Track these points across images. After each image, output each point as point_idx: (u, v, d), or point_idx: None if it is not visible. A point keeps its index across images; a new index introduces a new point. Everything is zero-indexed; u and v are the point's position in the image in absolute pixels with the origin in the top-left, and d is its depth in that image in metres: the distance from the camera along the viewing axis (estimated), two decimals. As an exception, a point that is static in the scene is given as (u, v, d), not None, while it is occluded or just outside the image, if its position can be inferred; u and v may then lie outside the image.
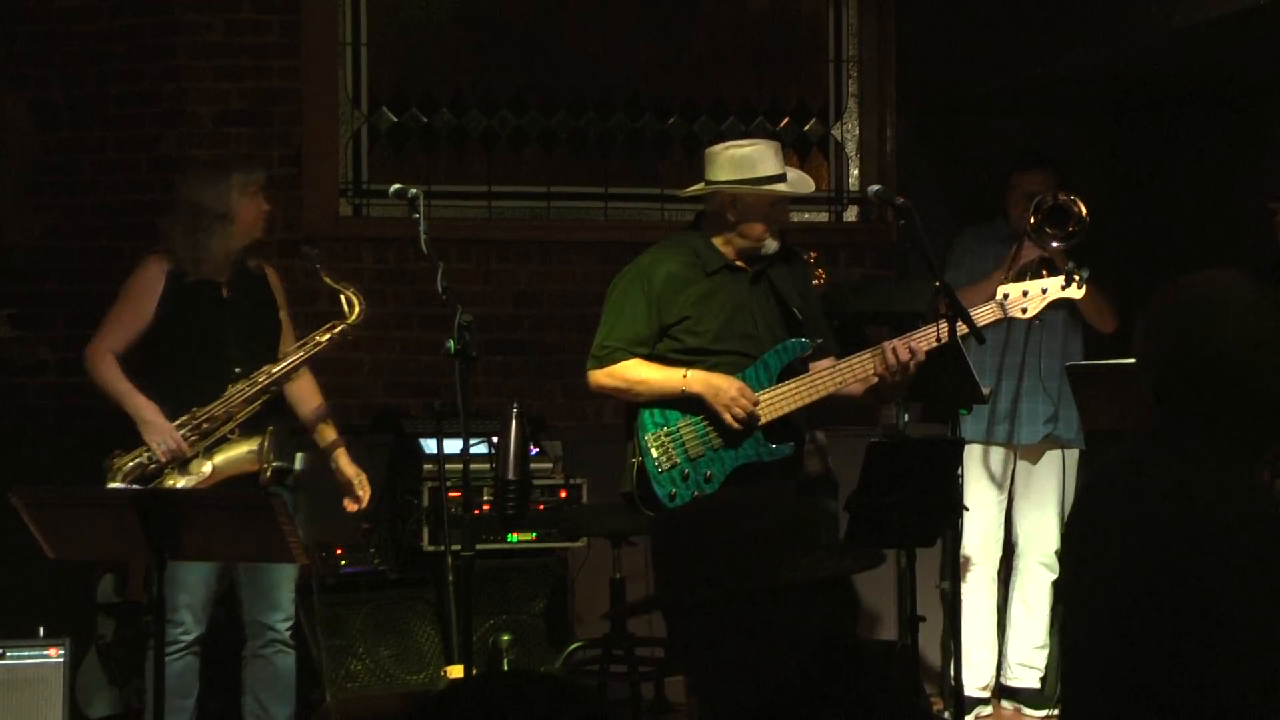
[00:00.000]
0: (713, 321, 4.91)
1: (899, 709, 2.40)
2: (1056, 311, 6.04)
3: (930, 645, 6.35)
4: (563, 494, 6.09)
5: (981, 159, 7.02)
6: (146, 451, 5.05)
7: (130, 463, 5.04)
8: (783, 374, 4.93)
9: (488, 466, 5.55)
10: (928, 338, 4.93)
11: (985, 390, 5.62)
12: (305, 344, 5.20)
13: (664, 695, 6.15)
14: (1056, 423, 6.19)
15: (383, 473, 6.33)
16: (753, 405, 4.82)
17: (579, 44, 7.19)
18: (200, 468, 5.05)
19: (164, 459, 5.03)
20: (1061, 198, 5.97)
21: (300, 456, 5.13)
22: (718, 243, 4.96)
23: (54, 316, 6.71)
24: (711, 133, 7.26)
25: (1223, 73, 6.44)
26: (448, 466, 5.38)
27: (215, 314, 5.19)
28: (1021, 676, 6.35)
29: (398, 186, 5.15)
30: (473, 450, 4.96)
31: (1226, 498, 2.31)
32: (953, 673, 5.08)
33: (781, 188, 4.88)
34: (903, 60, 7.25)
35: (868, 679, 2.38)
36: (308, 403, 5.34)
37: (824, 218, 7.46)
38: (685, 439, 4.87)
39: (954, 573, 5.32)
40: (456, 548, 4.98)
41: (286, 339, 5.34)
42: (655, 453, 4.84)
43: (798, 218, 7.25)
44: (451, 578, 5.31)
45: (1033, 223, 5.95)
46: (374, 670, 5.85)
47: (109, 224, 6.69)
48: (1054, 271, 5.96)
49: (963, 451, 5.14)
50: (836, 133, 7.45)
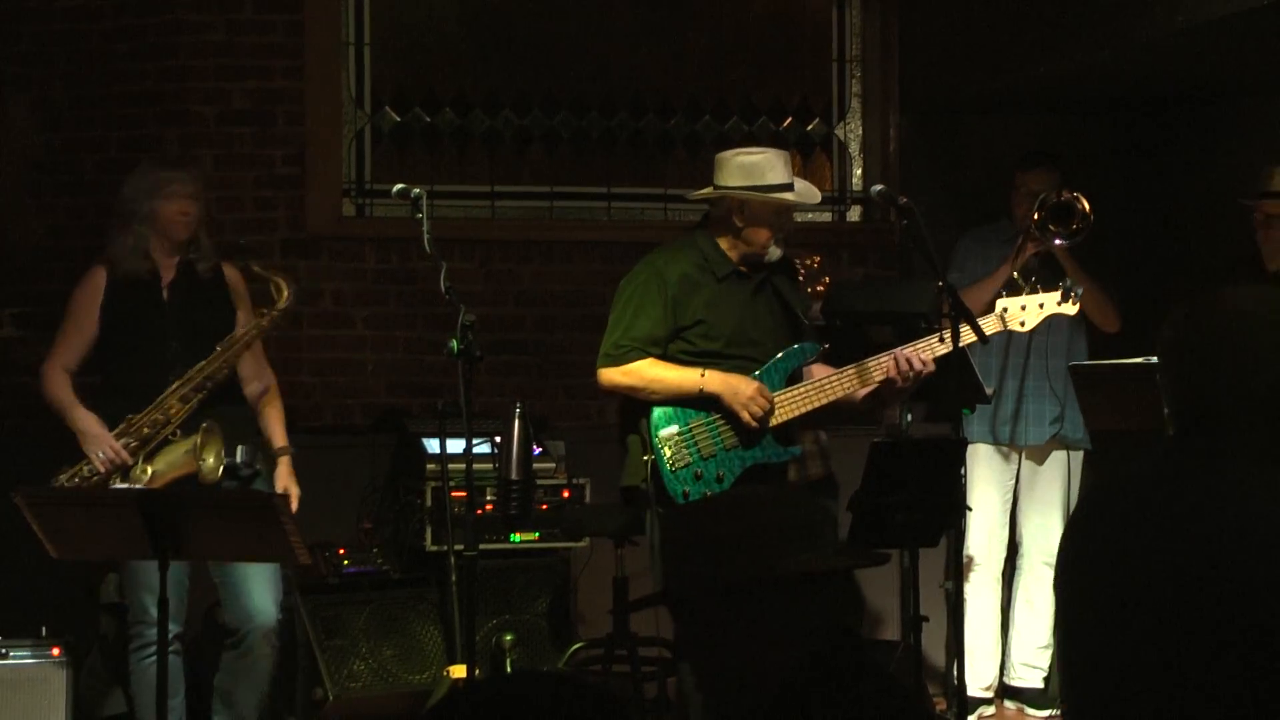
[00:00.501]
0: (725, 326, 4.98)
1: (902, 709, 2.40)
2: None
3: (934, 645, 6.35)
4: (565, 494, 6.09)
5: (984, 159, 7.02)
6: (87, 464, 5.04)
7: (75, 476, 5.03)
8: (789, 378, 5.01)
9: (490, 466, 5.56)
10: (934, 346, 4.97)
11: (988, 390, 5.63)
12: (235, 338, 5.17)
13: (667, 695, 6.15)
14: (1063, 423, 6.19)
15: (385, 473, 6.34)
16: (769, 406, 4.88)
17: (582, 44, 7.19)
18: (140, 474, 5.01)
19: (104, 469, 5.01)
20: (1065, 195, 5.97)
21: (240, 449, 5.09)
22: (724, 246, 5.02)
23: (56, 316, 6.68)
24: (714, 133, 7.26)
25: (1225, 72, 6.44)
26: (450, 466, 5.38)
27: (154, 318, 5.18)
28: (1025, 676, 6.35)
29: (400, 186, 5.15)
30: (475, 450, 4.96)
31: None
32: (956, 672, 5.08)
33: (789, 197, 4.96)
34: (906, 60, 7.24)
35: (871, 679, 2.39)
36: (261, 408, 5.34)
37: (827, 218, 7.45)
38: (698, 438, 4.92)
39: (957, 573, 5.32)
40: (459, 548, 4.98)
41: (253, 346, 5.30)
42: (669, 451, 4.89)
43: (801, 218, 7.23)
44: (454, 577, 5.31)
45: (1036, 219, 5.96)
46: (376, 670, 5.85)
47: (112, 224, 6.67)
48: (1056, 270, 5.97)
49: (965, 451, 5.15)
50: (839, 132, 7.44)
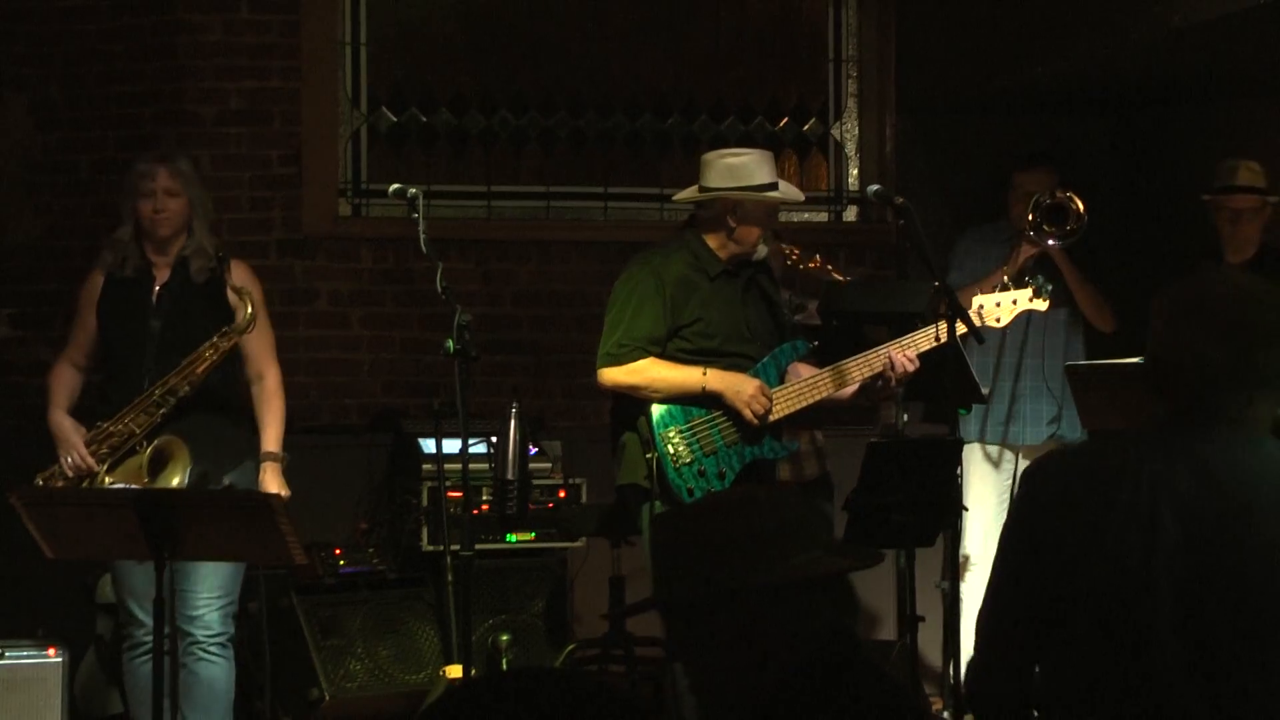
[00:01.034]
0: (721, 324, 5.04)
1: (898, 709, 2.40)
2: (1059, 311, 6.05)
3: (930, 645, 6.35)
4: (561, 494, 6.10)
5: (981, 159, 7.02)
6: (57, 466, 5.03)
7: (50, 479, 5.02)
8: (781, 375, 5.08)
9: (487, 466, 5.55)
10: (928, 339, 5.01)
11: (984, 390, 5.63)
12: (197, 355, 4.98)
13: (663, 695, 6.15)
14: (1060, 423, 6.19)
15: (382, 473, 6.34)
16: (770, 403, 4.94)
17: (578, 44, 7.19)
18: (101, 483, 4.95)
19: (70, 474, 4.99)
20: (1059, 195, 5.98)
21: (189, 471, 4.94)
22: (713, 246, 5.07)
23: (53, 317, 6.68)
24: (711, 133, 7.26)
25: (1222, 72, 6.45)
26: (447, 466, 5.39)
27: (137, 322, 5.07)
28: (1020, 676, 6.34)
29: (397, 186, 5.15)
30: (472, 450, 4.97)
31: None
32: (952, 672, 5.08)
33: (779, 195, 5.06)
34: (902, 60, 7.25)
35: (867, 679, 2.39)
36: (257, 412, 5.16)
37: (823, 218, 7.45)
38: (700, 435, 4.98)
39: (954, 572, 5.32)
40: (455, 547, 4.99)
41: (257, 344, 5.12)
42: (672, 449, 4.93)
43: (797, 218, 7.26)
44: (450, 577, 5.32)
45: (1030, 221, 5.98)
46: (373, 670, 5.85)
47: (109, 224, 6.63)
48: (1052, 270, 5.98)
49: (961, 451, 5.15)
50: (836, 132, 7.45)
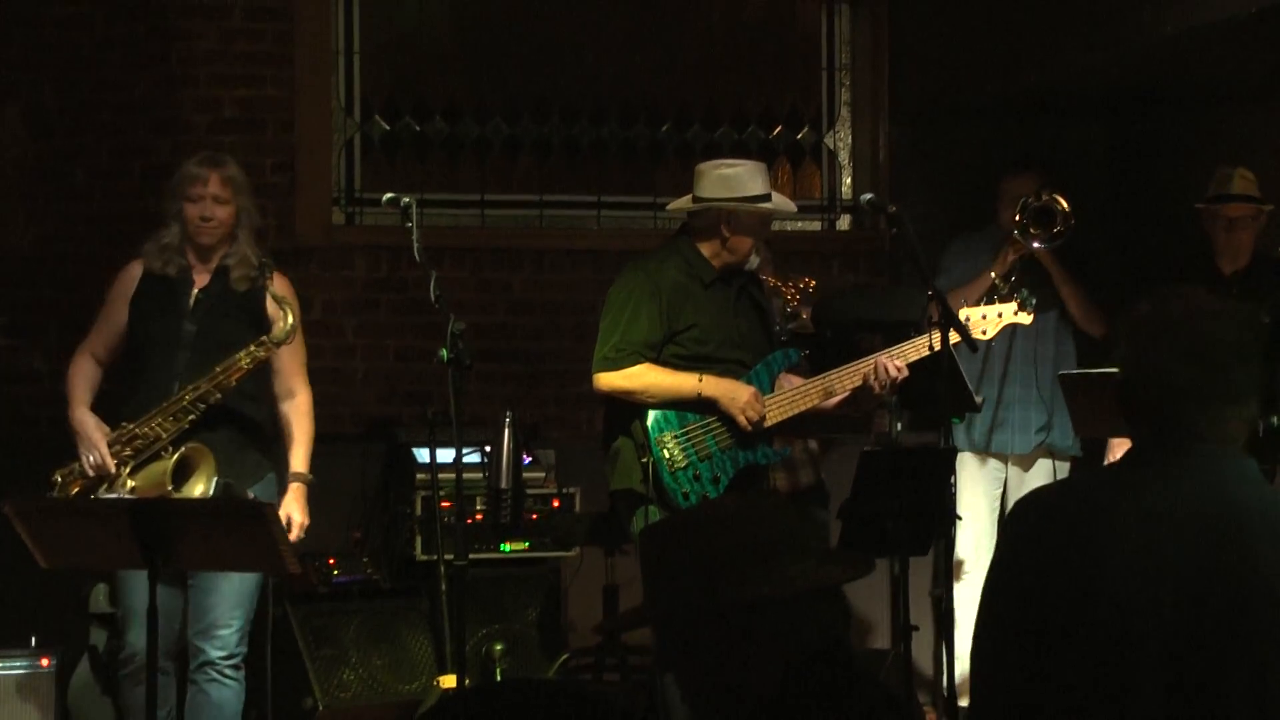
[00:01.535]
0: (716, 330, 5.09)
1: (891, 718, 2.41)
2: (1047, 316, 6.08)
3: (924, 653, 6.36)
4: (555, 503, 6.11)
5: (975, 166, 7.03)
6: (76, 464, 4.96)
7: (69, 475, 4.97)
8: (773, 383, 5.13)
9: (480, 476, 5.57)
10: (918, 349, 5.05)
11: (978, 399, 5.66)
12: (232, 363, 4.93)
13: (655, 705, 6.16)
14: (1051, 430, 6.21)
15: (375, 482, 6.35)
16: (763, 410, 5.01)
17: (572, 52, 7.21)
18: (122, 486, 4.90)
19: (90, 473, 4.92)
20: (1045, 198, 6.00)
21: (215, 483, 4.90)
22: (707, 255, 5.12)
23: (47, 325, 6.70)
24: (704, 141, 7.28)
25: (1215, 77, 6.47)
26: (440, 475, 5.38)
27: (172, 323, 5.01)
28: (1014, 685, 6.36)
29: (390, 195, 5.17)
30: (465, 459, 4.98)
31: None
32: (945, 682, 5.10)
33: (773, 206, 5.12)
34: (895, 68, 7.26)
35: (860, 688, 2.39)
36: (286, 430, 5.13)
37: (817, 226, 7.47)
38: (694, 440, 5.03)
39: (947, 581, 5.34)
40: (449, 557, 4.99)
41: (291, 360, 5.10)
42: (667, 454, 4.97)
43: (791, 227, 7.28)
44: (444, 587, 5.32)
45: (1017, 223, 6.00)
46: (366, 680, 5.86)
47: (102, 232, 6.69)
48: (1040, 274, 6.00)
49: (955, 460, 5.17)
50: (829, 141, 7.47)
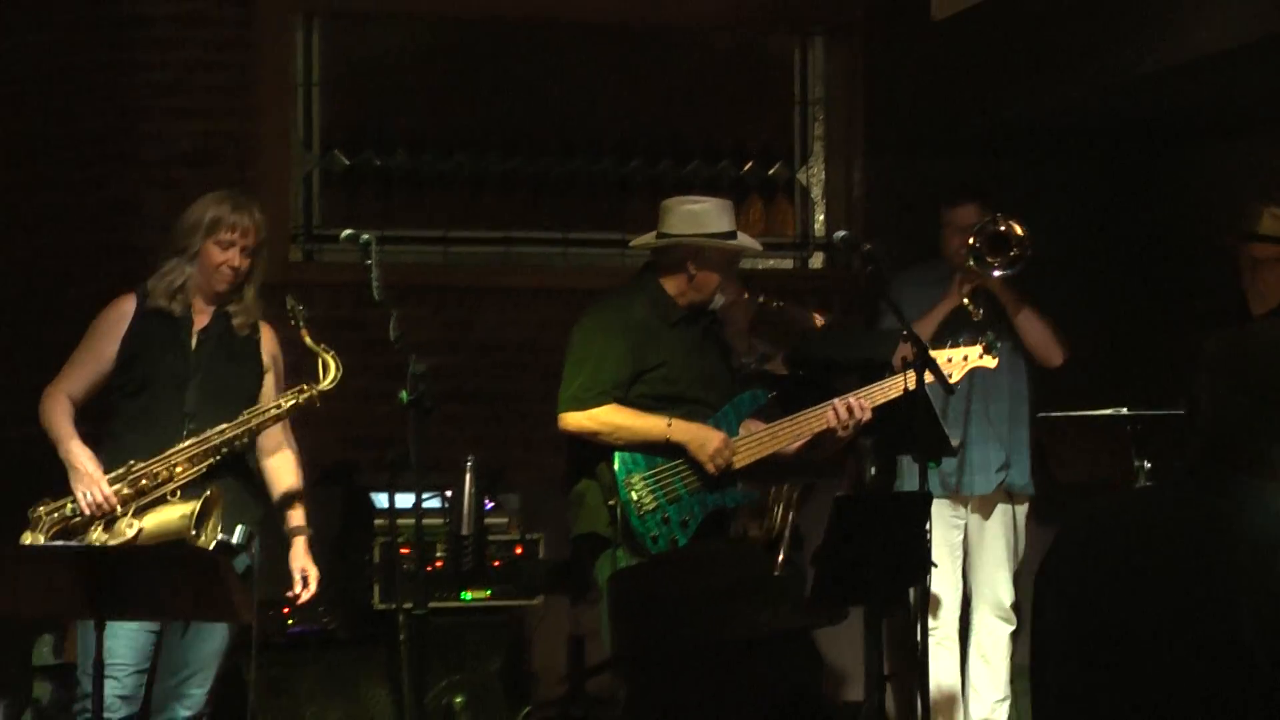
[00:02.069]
0: (683, 370, 5.10)
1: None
2: (1001, 347, 6.07)
3: (897, 699, 6.34)
4: (519, 549, 6.07)
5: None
6: (72, 502, 4.81)
7: (54, 512, 4.83)
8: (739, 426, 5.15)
9: (441, 521, 5.53)
10: (885, 391, 5.07)
11: (954, 442, 5.64)
12: (265, 408, 4.91)
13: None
14: (1009, 469, 6.18)
15: (333, 528, 6.29)
16: (732, 455, 5.03)
17: (538, 85, 7.20)
18: (126, 528, 4.78)
19: (87, 511, 4.78)
20: (1002, 224, 5.97)
21: (239, 529, 4.88)
22: (672, 293, 5.13)
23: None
24: (674, 176, 7.27)
25: (1199, 113, 6.49)
26: (400, 521, 5.35)
27: (178, 362, 4.92)
28: (985, 731, 6.34)
29: (350, 231, 5.13)
30: (426, 504, 4.94)
31: None
32: (922, 731, 5.06)
33: (738, 244, 5.16)
34: (871, 101, 7.27)
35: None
36: (281, 483, 5.05)
37: (789, 264, 7.46)
38: (663, 483, 5.04)
39: (923, 628, 5.31)
40: (409, 606, 4.94)
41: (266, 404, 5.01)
42: (635, 496, 4.96)
43: (763, 265, 7.26)
44: (404, 637, 5.26)
45: (972, 248, 5.96)
46: (323, 733, 5.80)
47: (55, 269, 6.64)
48: (993, 305, 5.99)
49: (930, 505, 5.15)
50: (802, 176, 7.46)
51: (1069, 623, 2.56)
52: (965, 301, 6.03)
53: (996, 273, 5.96)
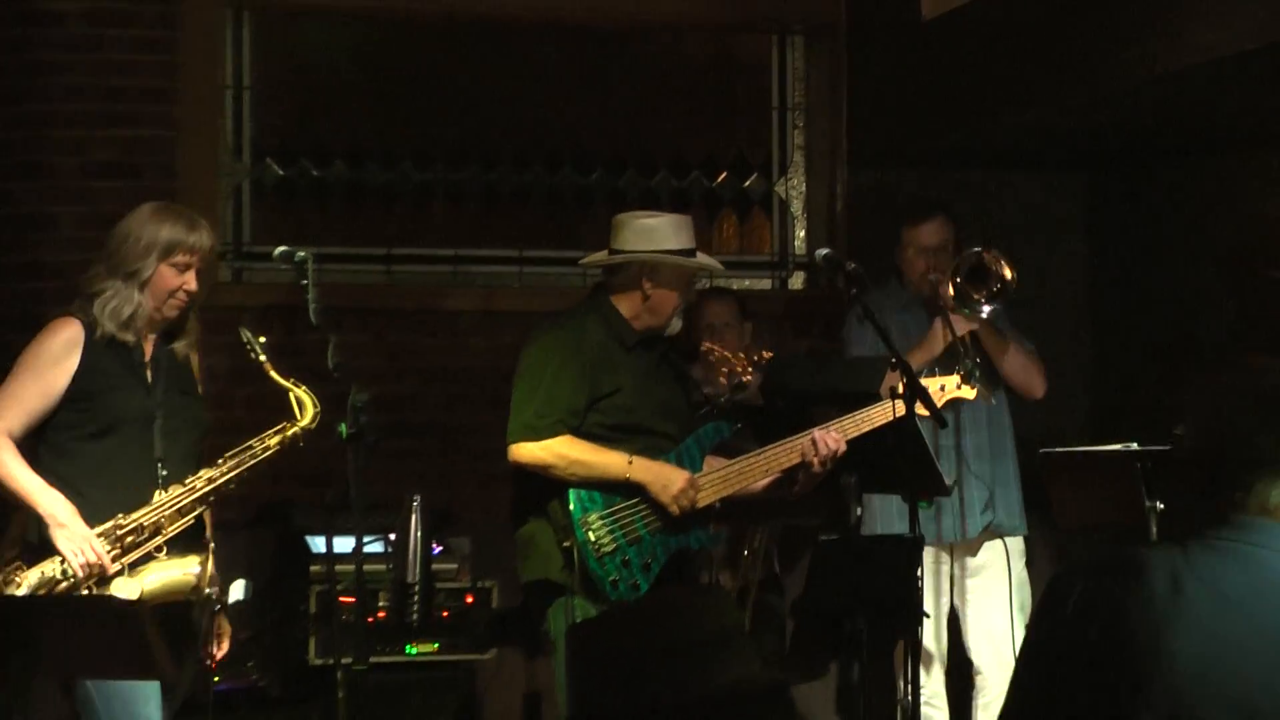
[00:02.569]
0: (641, 398, 5.12)
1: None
2: (978, 377, 6.09)
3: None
4: (469, 599, 6.07)
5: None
6: (60, 563, 4.64)
7: (36, 575, 4.65)
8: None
9: (384, 567, 5.52)
10: (859, 423, 5.07)
11: (948, 480, 5.65)
12: (249, 449, 4.84)
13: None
14: (995, 509, 6.17)
15: (265, 574, 6.28)
16: (697, 494, 5.04)
17: (491, 90, 7.22)
18: (125, 589, 4.65)
19: (81, 574, 4.63)
20: (986, 256, 5.96)
21: (242, 584, 4.84)
22: (626, 315, 5.16)
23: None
24: (640, 189, 7.30)
25: (1209, 122, 6.54)
26: (338, 567, 5.32)
27: (142, 399, 4.80)
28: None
29: (284, 249, 5.12)
30: (367, 549, 4.93)
31: None
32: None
33: (697, 261, 5.17)
34: (855, 108, 7.31)
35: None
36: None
37: (767, 284, 7.49)
38: (622, 522, 5.04)
39: (914, 685, 5.31)
40: (348, 661, 4.93)
41: None
42: (592, 536, 4.96)
43: (738, 285, 7.28)
44: (342, 695, 5.25)
45: (957, 287, 5.94)
46: (253, 802, 5.78)
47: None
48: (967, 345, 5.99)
49: (922, 550, 5.16)
50: (781, 189, 7.49)
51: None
52: (939, 351, 6.01)
53: (987, 310, 5.95)
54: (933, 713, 6.22)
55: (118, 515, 4.70)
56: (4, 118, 6.66)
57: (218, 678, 5.85)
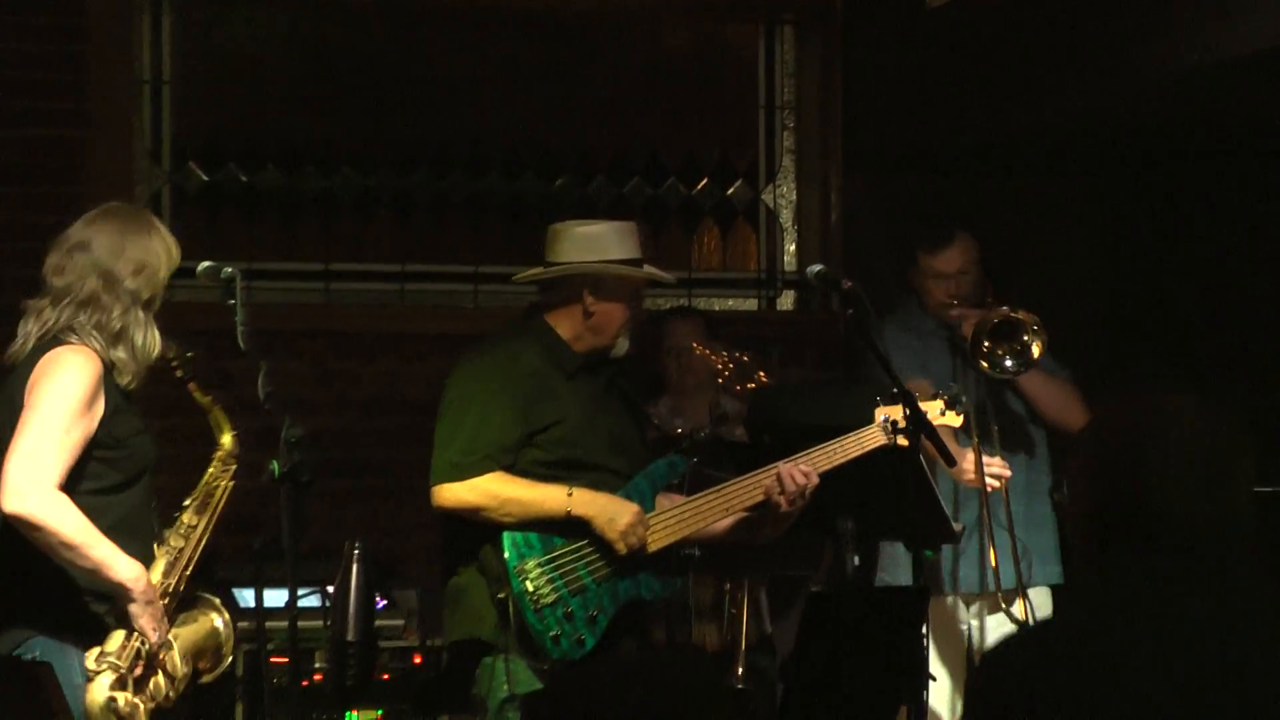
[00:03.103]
0: (585, 430, 5.07)
1: None
2: (1012, 403, 6.08)
3: None
4: (417, 659, 6.08)
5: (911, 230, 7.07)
6: (137, 638, 4.61)
7: (124, 652, 4.59)
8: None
9: (321, 624, 5.50)
10: (830, 455, 5.04)
11: (957, 526, 5.65)
12: (210, 492, 4.87)
13: None
14: (1030, 556, 6.17)
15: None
16: (646, 532, 5.00)
17: (444, 85, 7.22)
18: (172, 665, 4.68)
19: (157, 645, 4.63)
20: (998, 318, 5.96)
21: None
22: (566, 337, 5.12)
23: None
24: (610, 196, 7.29)
25: (1251, 120, 6.55)
26: (269, 624, 5.31)
27: (151, 441, 4.81)
28: None
29: (208, 264, 5.11)
30: (302, 603, 4.91)
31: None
32: None
33: (644, 272, 5.13)
34: (851, 107, 7.32)
35: None
36: None
37: (753, 305, 7.49)
38: (564, 570, 4.98)
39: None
40: (280, 729, 4.92)
41: None
42: (530, 586, 4.92)
43: (720, 305, 7.28)
44: (273, 768, 5.24)
45: (987, 353, 5.95)
46: None
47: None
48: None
49: (927, 603, 5.16)
50: (768, 197, 7.50)
51: None
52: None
53: (1010, 364, 5.96)
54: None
55: (162, 579, 4.70)
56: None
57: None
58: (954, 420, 5.40)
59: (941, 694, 6.13)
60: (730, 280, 7.46)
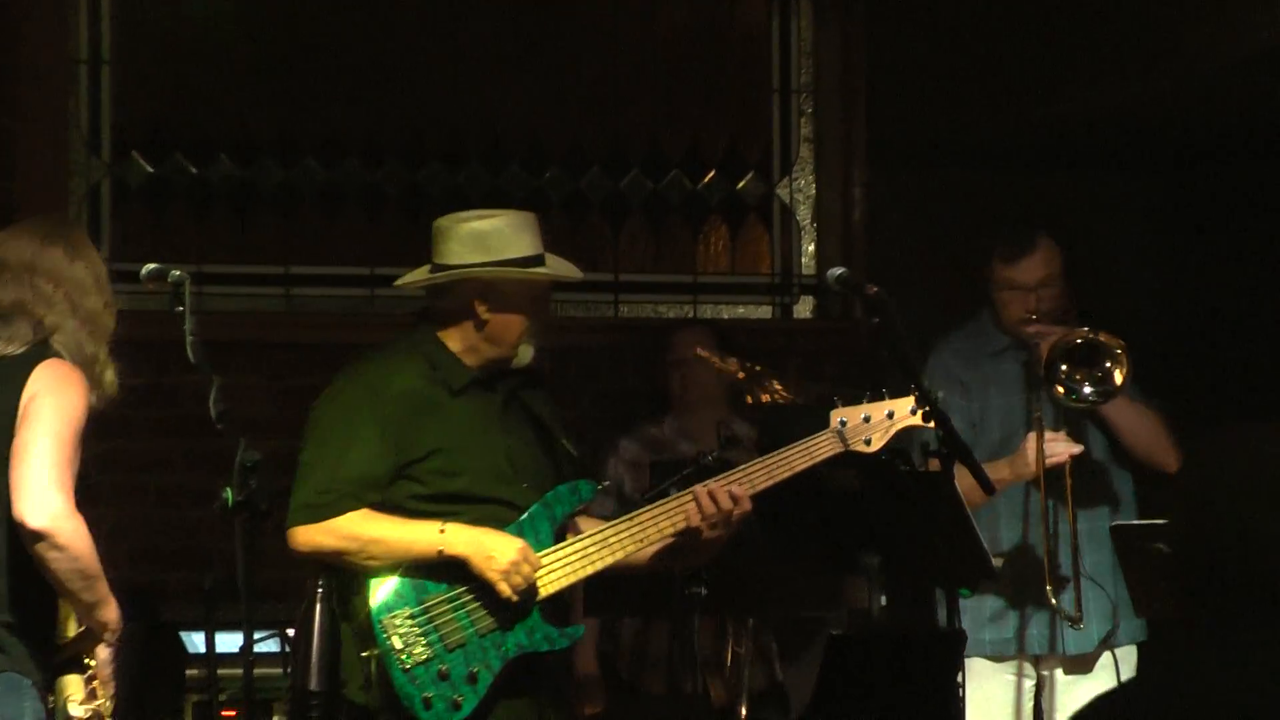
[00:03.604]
0: (468, 458, 4.99)
1: None
2: (1095, 437, 6.03)
3: None
4: (387, 710, 6.04)
5: (984, 228, 7.06)
6: (97, 684, 4.73)
7: (90, 700, 4.72)
8: (558, 531, 5.01)
9: (281, 671, 5.48)
10: (770, 469, 4.98)
11: (996, 562, 5.61)
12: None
13: None
14: (1118, 615, 6.06)
15: (130, 678, 6.23)
16: (535, 571, 4.91)
17: (418, 67, 7.21)
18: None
19: (113, 693, 4.77)
20: (1082, 338, 5.91)
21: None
22: (456, 349, 5.04)
23: None
24: (605, 191, 7.29)
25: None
26: (222, 671, 5.30)
27: None
28: None
29: (153, 267, 5.09)
30: (259, 648, 4.90)
31: None
32: None
33: (545, 270, 5.04)
34: (875, 92, 7.32)
35: None
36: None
37: (766, 313, 7.48)
38: (439, 622, 4.91)
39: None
40: (234, 790, 4.92)
41: None
42: (398, 642, 4.86)
43: (728, 313, 7.27)
44: (227, 832, 5.23)
45: (1064, 378, 5.86)
46: None
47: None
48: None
49: (962, 648, 5.13)
50: (784, 192, 7.49)
51: None
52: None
53: (1088, 390, 5.87)
54: None
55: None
56: None
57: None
58: (919, 420, 5.18)
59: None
60: (740, 285, 7.46)
